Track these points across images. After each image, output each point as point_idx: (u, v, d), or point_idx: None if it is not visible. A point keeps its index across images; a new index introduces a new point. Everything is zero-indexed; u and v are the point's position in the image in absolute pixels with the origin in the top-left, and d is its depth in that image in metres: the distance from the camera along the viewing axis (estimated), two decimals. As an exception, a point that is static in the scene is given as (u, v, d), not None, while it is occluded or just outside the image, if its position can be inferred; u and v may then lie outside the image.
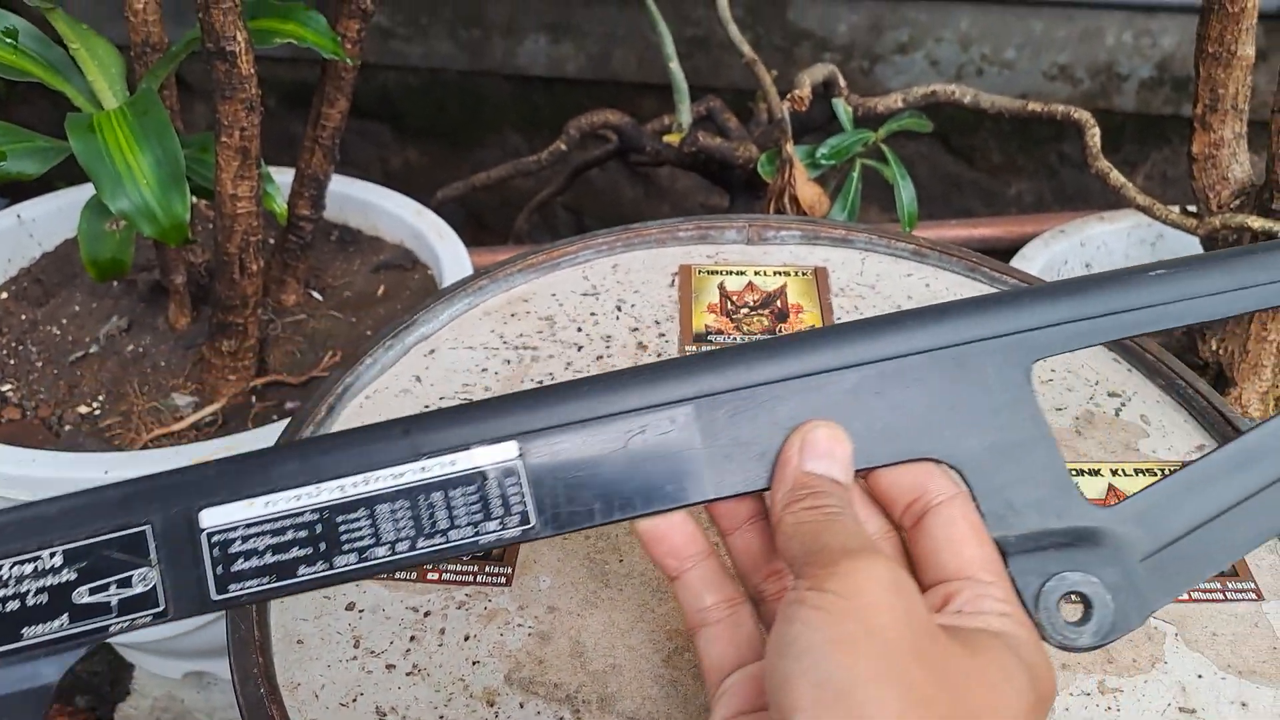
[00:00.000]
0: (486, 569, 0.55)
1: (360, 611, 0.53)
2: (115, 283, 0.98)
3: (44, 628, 0.40)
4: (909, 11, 1.81)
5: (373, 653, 0.52)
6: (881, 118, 1.07)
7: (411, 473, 0.41)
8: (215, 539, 0.41)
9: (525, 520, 0.41)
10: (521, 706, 0.49)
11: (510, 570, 0.55)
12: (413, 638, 0.52)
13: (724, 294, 0.73)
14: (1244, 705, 0.50)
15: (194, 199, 0.89)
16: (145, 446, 0.84)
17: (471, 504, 0.41)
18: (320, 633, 0.52)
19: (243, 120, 0.75)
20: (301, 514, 0.41)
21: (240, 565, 0.40)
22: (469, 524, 0.41)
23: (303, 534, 0.41)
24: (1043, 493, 0.42)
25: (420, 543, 0.41)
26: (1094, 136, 0.98)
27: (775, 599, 0.43)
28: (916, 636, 0.34)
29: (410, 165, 2.11)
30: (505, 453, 0.42)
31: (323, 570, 0.41)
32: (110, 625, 0.40)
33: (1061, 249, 1.06)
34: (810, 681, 0.33)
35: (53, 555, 0.40)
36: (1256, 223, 0.92)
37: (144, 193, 0.71)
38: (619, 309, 0.73)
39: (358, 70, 0.86)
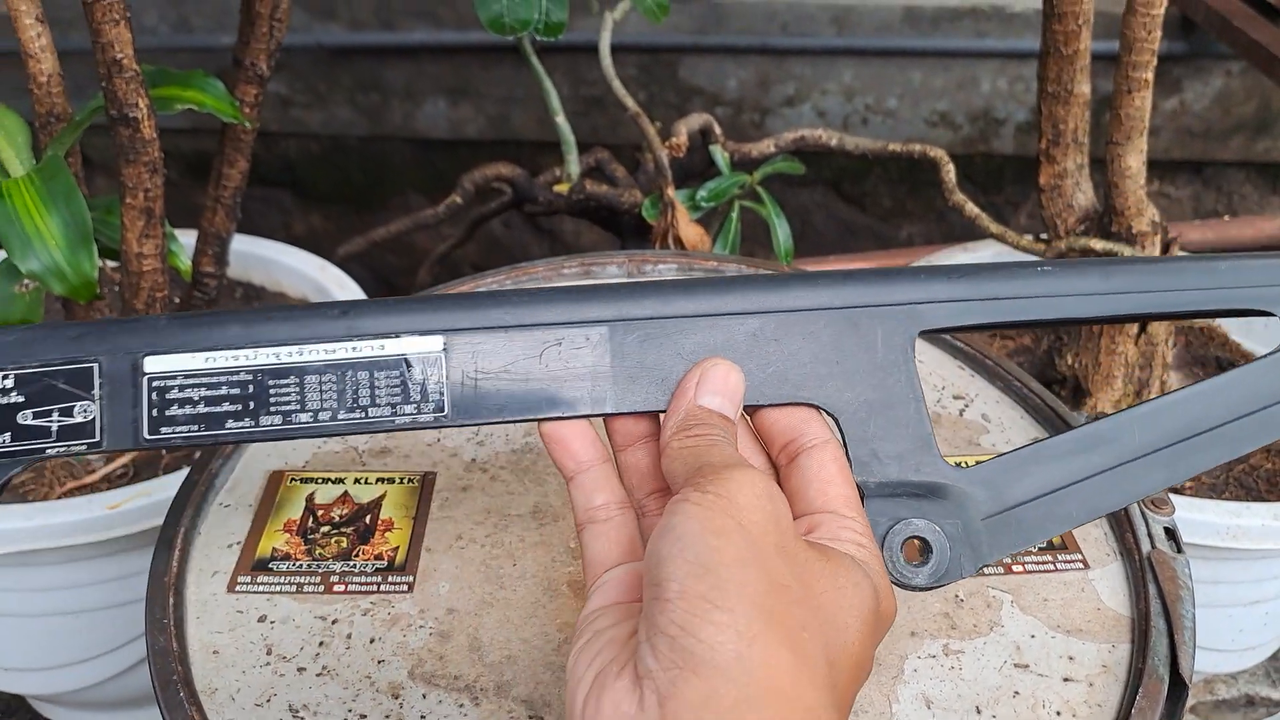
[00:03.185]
0: (389, 579, 0.60)
1: (272, 623, 0.58)
2: (25, 345, 1.01)
3: None
4: (794, 66, 1.89)
5: (284, 658, 0.56)
6: (757, 162, 1.15)
7: (343, 350, 0.46)
8: (155, 384, 0.45)
9: (440, 409, 0.46)
10: (424, 697, 0.54)
11: (411, 579, 0.60)
12: (321, 643, 0.57)
13: (607, 325, 0.79)
14: (1071, 659, 0.57)
15: (101, 260, 0.93)
16: (61, 497, 0.87)
17: (393, 387, 0.46)
18: (235, 643, 0.57)
19: (146, 182, 0.80)
20: (237, 373, 0.45)
21: (174, 411, 0.45)
22: (388, 404, 0.46)
23: (235, 391, 0.45)
24: (905, 448, 0.47)
25: (341, 415, 0.45)
26: (949, 172, 1.07)
27: (656, 515, 0.47)
28: (781, 536, 0.40)
29: (314, 231, 2.14)
30: (430, 345, 0.46)
31: (248, 427, 0.45)
32: (47, 449, 0.44)
33: (928, 277, 1.13)
34: (684, 560, 0.38)
35: (4, 378, 0.44)
36: (1099, 244, 1.00)
37: (53, 253, 0.75)
38: (509, 342, 0.78)
39: (256, 132, 0.91)
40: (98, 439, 0.45)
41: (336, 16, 1.87)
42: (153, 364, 0.45)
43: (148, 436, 0.45)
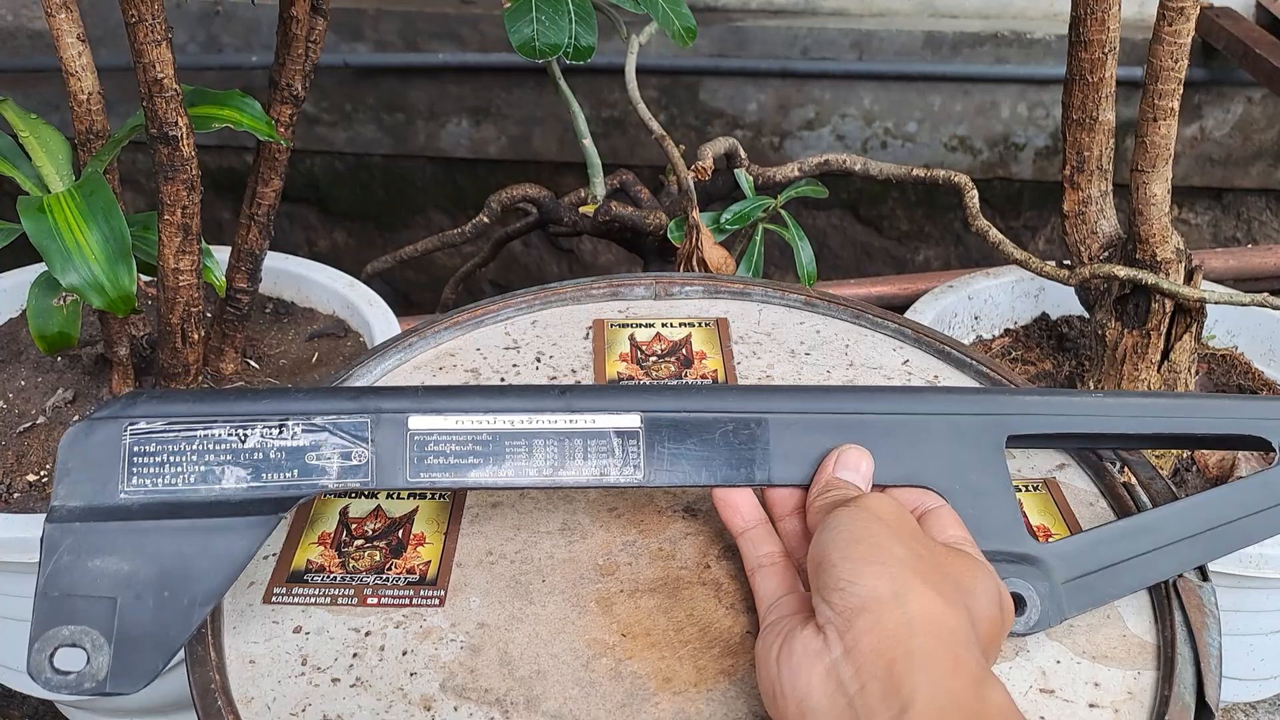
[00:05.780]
0: (421, 592, 0.61)
1: (306, 634, 0.58)
2: (60, 358, 1.02)
3: (279, 477, 0.55)
4: (814, 90, 1.91)
5: (319, 669, 0.57)
6: (780, 185, 1.16)
7: (563, 421, 0.57)
8: (417, 438, 0.56)
9: (637, 470, 0.58)
10: (455, 710, 0.55)
11: (443, 593, 0.61)
12: (355, 654, 0.57)
13: (634, 344, 0.80)
14: (1096, 685, 0.57)
15: (138, 276, 0.94)
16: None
17: (601, 453, 0.57)
18: (270, 654, 0.57)
19: (184, 199, 0.81)
20: (480, 434, 0.57)
21: (430, 460, 0.56)
22: (597, 466, 0.57)
23: (479, 448, 0.57)
24: (1000, 525, 0.59)
25: (560, 473, 0.57)
26: (972, 198, 1.07)
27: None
28: (911, 528, 0.53)
29: (338, 247, 2.16)
30: (631, 421, 0.58)
31: (487, 477, 0.57)
32: (328, 485, 0.55)
33: (950, 302, 1.14)
34: (842, 538, 0.50)
35: (295, 425, 0.55)
36: (1122, 271, 1.01)
37: (93, 267, 0.77)
38: (538, 360, 0.79)
39: (290, 151, 0.92)
40: (369, 479, 0.56)
41: (363, 37, 1.89)
42: (415, 422, 0.56)
43: (409, 479, 0.56)
